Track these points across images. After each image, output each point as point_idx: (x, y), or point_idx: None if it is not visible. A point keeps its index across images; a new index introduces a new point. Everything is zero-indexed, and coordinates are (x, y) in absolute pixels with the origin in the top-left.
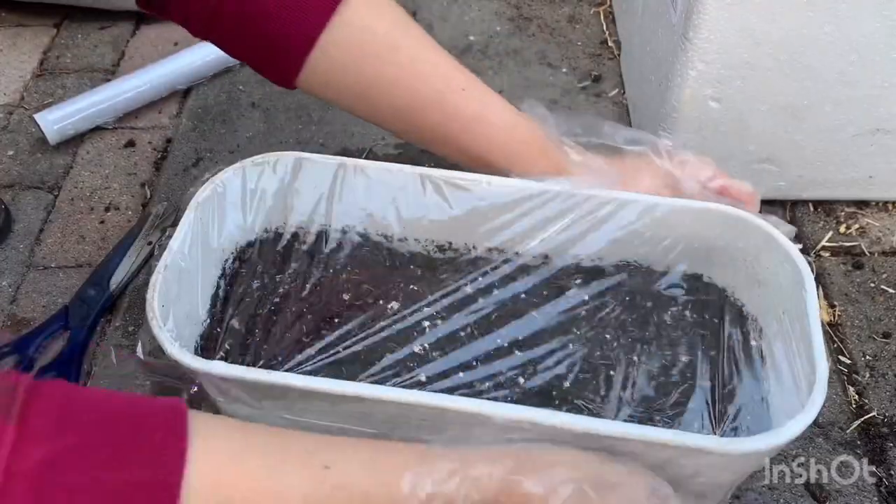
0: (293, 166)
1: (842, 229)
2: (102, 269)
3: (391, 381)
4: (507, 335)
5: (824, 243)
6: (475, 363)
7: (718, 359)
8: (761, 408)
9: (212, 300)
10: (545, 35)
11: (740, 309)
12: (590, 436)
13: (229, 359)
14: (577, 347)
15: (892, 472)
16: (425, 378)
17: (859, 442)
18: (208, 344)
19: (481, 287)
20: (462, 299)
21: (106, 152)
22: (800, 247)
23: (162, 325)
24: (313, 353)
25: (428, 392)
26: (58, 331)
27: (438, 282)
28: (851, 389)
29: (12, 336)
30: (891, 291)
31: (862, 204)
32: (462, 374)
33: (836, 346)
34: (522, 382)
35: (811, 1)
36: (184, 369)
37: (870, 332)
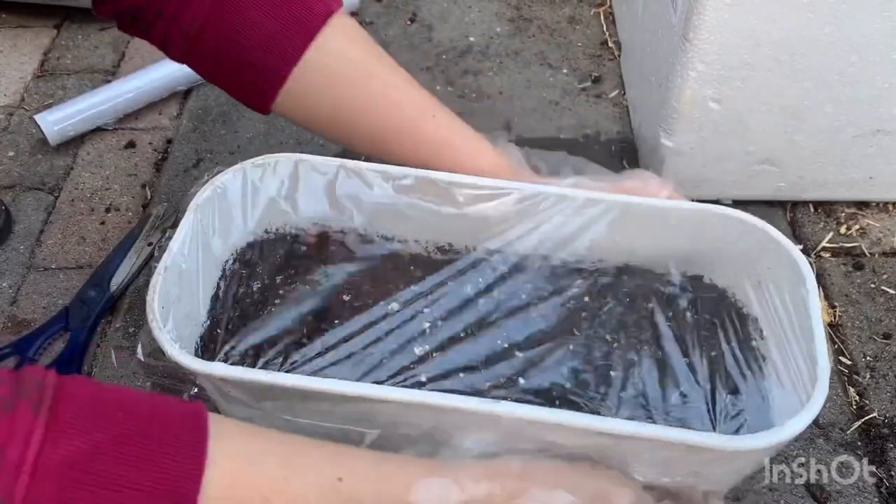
0: (293, 168)
1: (842, 230)
2: (103, 271)
3: (392, 382)
4: (508, 336)
5: (825, 244)
6: (475, 364)
7: (719, 359)
8: (762, 408)
9: (212, 301)
10: (545, 36)
11: (741, 310)
12: (591, 433)
13: (229, 360)
14: (578, 348)
15: (893, 473)
16: (426, 379)
17: (860, 443)
18: (208, 345)
19: (481, 288)
20: (462, 300)
21: (106, 153)
22: (800, 247)
23: (162, 327)
24: (313, 355)
25: (428, 392)
26: (58, 332)
27: (438, 283)
28: (852, 390)
29: (13, 337)
30: (891, 292)
31: (862, 205)
32: (462, 375)
33: (837, 347)
34: (522, 383)
35: (811, 2)
36: (184, 370)
37: (870, 333)
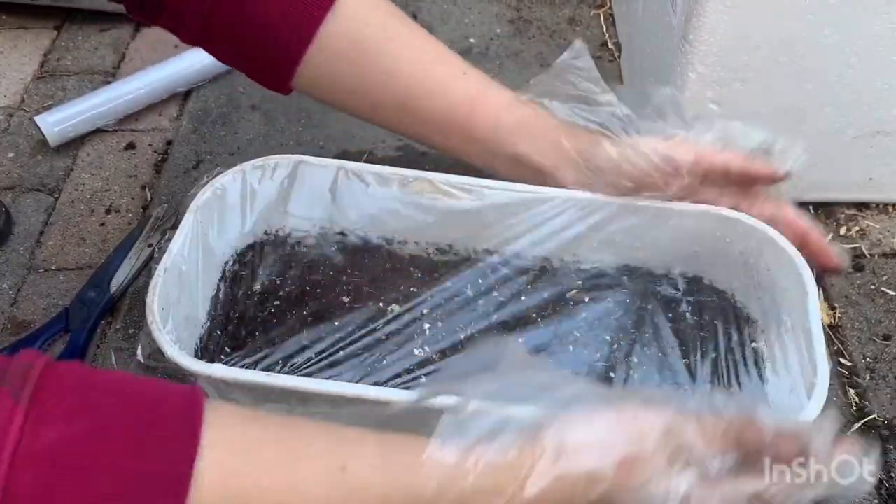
0: (293, 169)
1: (842, 231)
2: (103, 272)
3: (392, 384)
4: (508, 338)
5: None
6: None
7: (719, 361)
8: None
9: (212, 303)
10: (545, 37)
11: (741, 311)
12: None
13: (229, 361)
14: (578, 349)
15: (893, 475)
16: (426, 380)
17: None
18: (208, 346)
19: (481, 290)
20: (462, 302)
21: (106, 154)
22: None
23: (162, 328)
24: (313, 356)
25: None
26: (58, 333)
27: (438, 284)
28: (852, 392)
29: (13, 338)
30: (891, 293)
31: (862, 206)
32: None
33: (837, 349)
34: None
35: (811, 4)
36: (183, 372)
37: (870, 335)
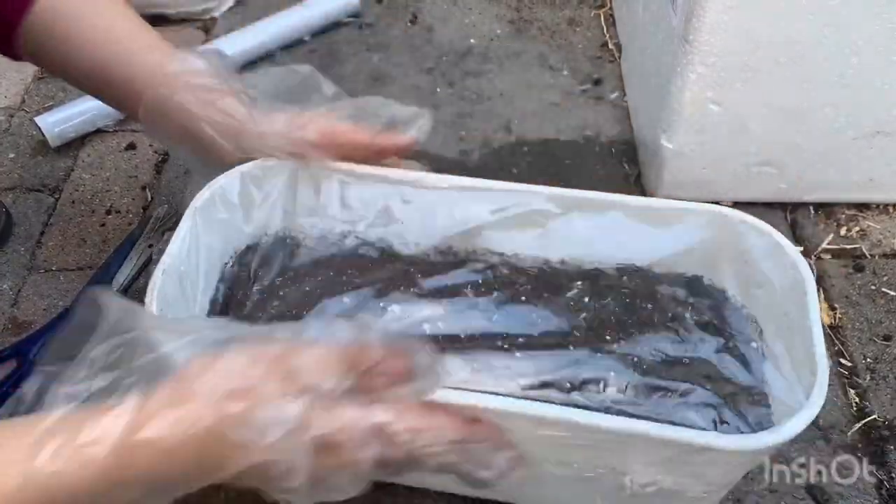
0: (293, 170)
1: (842, 232)
2: (103, 272)
3: None
4: (508, 338)
5: (825, 246)
6: (475, 366)
7: (719, 360)
8: (762, 408)
9: (211, 304)
10: (545, 38)
11: (741, 311)
12: (594, 431)
13: None
14: (578, 349)
15: (893, 475)
16: None
17: (860, 445)
18: None
19: (481, 290)
20: (462, 302)
21: (107, 155)
22: (800, 249)
23: None
24: None
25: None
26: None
27: (438, 285)
28: (852, 392)
29: (13, 339)
30: (892, 294)
31: (862, 206)
32: (462, 377)
33: (837, 349)
34: (523, 384)
35: (811, 4)
36: None
37: (870, 335)
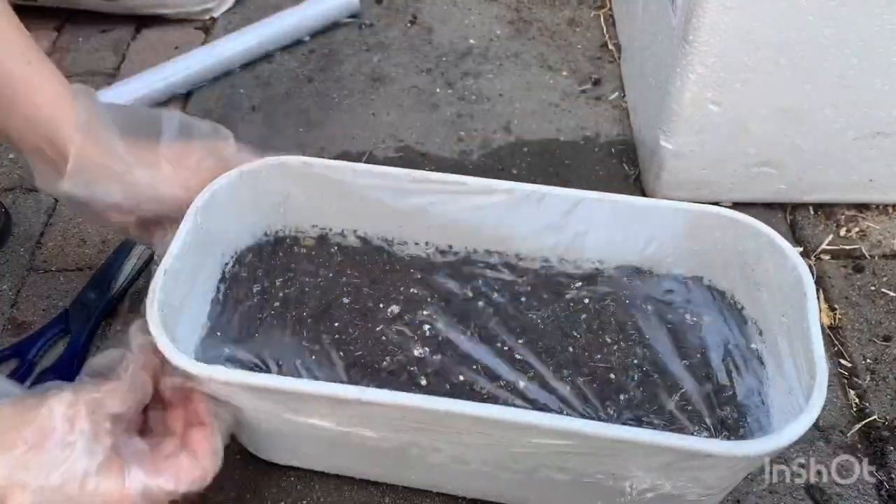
0: (293, 170)
1: (842, 232)
2: (103, 273)
3: (392, 385)
4: (507, 338)
5: (825, 246)
6: (475, 366)
7: (719, 362)
8: (762, 410)
9: (212, 304)
10: (545, 38)
11: (740, 312)
12: (593, 440)
13: (229, 363)
14: (577, 350)
15: (893, 476)
16: (425, 381)
17: (860, 445)
18: (208, 348)
19: (481, 290)
20: (462, 302)
21: None
22: (800, 250)
23: (162, 331)
24: (313, 357)
25: (428, 396)
26: (58, 334)
27: (438, 285)
28: (852, 393)
29: (13, 339)
30: (891, 294)
31: (862, 207)
32: (462, 378)
33: (837, 350)
34: (522, 385)
35: (811, 5)
36: (183, 374)
37: (870, 336)
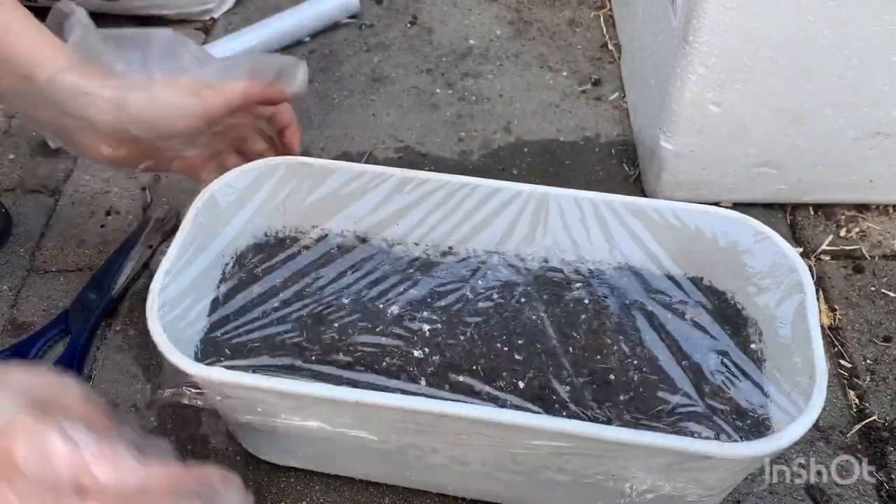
0: (293, 170)
1: (842, 233)
2: (103, 274)
3: (391, 386)
4: (507, 339)
5: (825, 247)
6: (475, 367)
7: (718, 362)
8: (761, 411)
9: (212, 304)
10: (545, 38)
11: (740, 312)
12: (593, 441)
13: (229, 364)
14: (577, 351)
15: (893, 476)
16: (425, 382)
17: (860, 446)
18: (208, 349)
19: (481, 291)
20: (462, 303)
21: None
22: (800, 250)
23: (162, 331)
24: (313, 358)
25: (427, 399)
26: (58, 335)
27: (439, 285)
28: (852, 393)
29: (13, 340)
30: (891, 295)
31: (862, 207)
32: (462, 378)
33: (837, 350)
34: (522, 386)
35: (811, 5)
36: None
37: (870, 336)
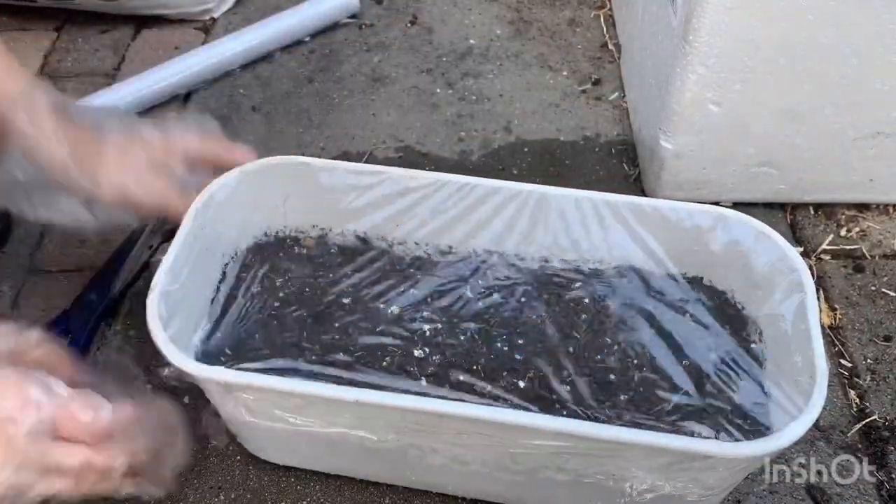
0: (293, 171)
1: (842, 232)
2: (103, 273)
3: (391, 385)
4: (507, 339)
5: (825, 246)
6: (475, 366)
7: (718, 362)
8: (761, 410)
9: (212, 304)
10: (545, 38)
11: (740, 311)
12: (593, 441)
13: (229, 364)
14: (577, 350)
15: (894, 476)
16: (425, 382)
17: (860, 445)
18: (208, 349)
19: (481, 290)
20: (462, 303)
21: None
22: (800, 250)
23: (162, 331)
24: (313, 358)
25: (427, 398)
26: (58, 334)
27: (439, 285)
28: (852, 393)
29: None
30: (892, 294)
31: (862, 207)
32: (462, 378)
33: (837, 350)
34: (522, 386)
35: (811, 5)
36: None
37: (871, 336)
